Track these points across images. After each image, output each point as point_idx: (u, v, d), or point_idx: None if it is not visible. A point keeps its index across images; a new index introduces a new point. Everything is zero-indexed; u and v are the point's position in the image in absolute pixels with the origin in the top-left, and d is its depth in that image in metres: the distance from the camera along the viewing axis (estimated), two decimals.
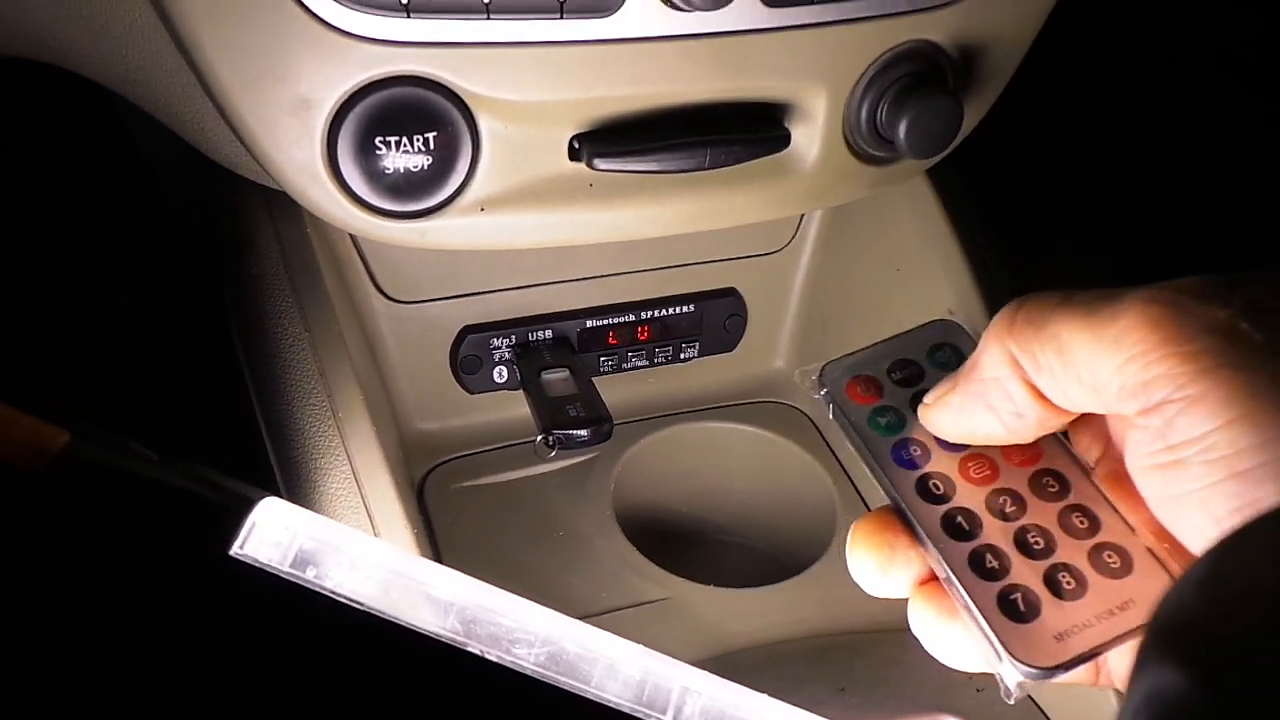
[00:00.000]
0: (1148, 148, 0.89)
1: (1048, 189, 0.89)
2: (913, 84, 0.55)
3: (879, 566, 0.35)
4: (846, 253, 0.79)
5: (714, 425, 0.82)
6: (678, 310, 0.79)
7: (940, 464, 0.36)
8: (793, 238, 0.80)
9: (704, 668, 0.39)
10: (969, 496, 0.35)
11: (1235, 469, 0.27)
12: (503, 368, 0.77)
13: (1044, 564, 0.33)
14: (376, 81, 0.49)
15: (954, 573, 0.33)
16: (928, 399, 0.36)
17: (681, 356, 0.81)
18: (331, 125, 0.49)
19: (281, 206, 0.62)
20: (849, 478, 0.79)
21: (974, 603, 0.33)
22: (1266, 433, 0.26)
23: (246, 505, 0.36)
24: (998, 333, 0.33)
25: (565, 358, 0.75)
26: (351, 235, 0.69)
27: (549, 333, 0.77)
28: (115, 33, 0.53)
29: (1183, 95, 0.90)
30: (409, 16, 0.47)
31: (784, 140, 0.56)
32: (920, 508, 0.35)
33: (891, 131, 0.55)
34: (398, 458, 0.66)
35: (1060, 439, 0.36)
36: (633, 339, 0.79)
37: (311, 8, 0.46)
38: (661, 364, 0.81)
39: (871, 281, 0.76)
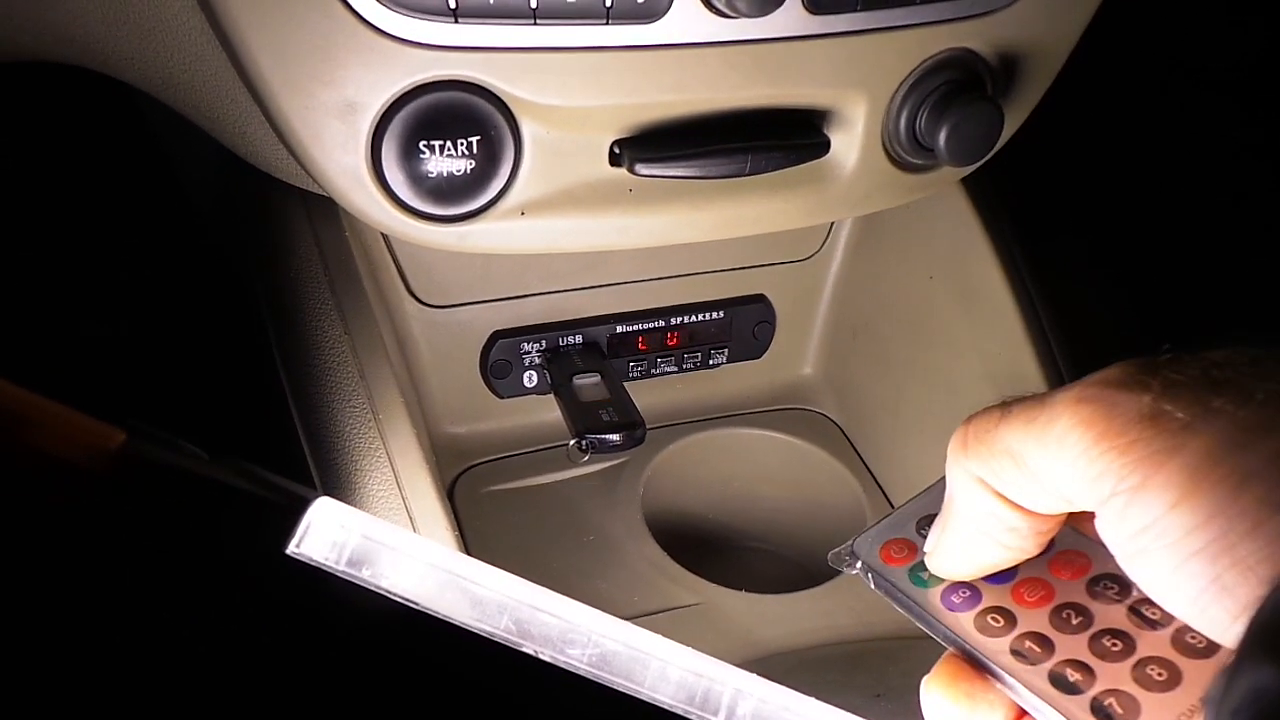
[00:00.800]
0: (1182, 155, 0.89)
1: (1081, 195, 0.89)
2: (952, 91, 0.55)
3: (965, 718, 0.34)
4: (877, 260, 0.79)
5: (742, 432, 0.82)
6: (707, 316, 0.80)
7: (994, 598, 0.35)
8: (823, 245, 0.80)
9: None
10: (1032, 621, 0.34)
11: (1191, 550, 0.27)
12: (533, 372, 0.77)
13: (1128, 663, 0.32)
14: (422, 86, 0.49)
15: (1040, 697, 0.32)
16: (926, 548, 0.37)
17: (710, 363, 0.81)
18: (376, 129, 0.49)
19: (319, 210, 0.62)
20: (878, 485, 0.79)
21: None
22: (1208, 509, 0.27)
23: (301, 504, 0.36)
24: (955, 459, 0.34)
25: (595, 363, 0.75)
26: (386, 239, 0.69)
27: (579, 338, 0.77)
28: (161, 35, 0.53)
29: (1223, 101, 0.90)
30: (456, 22, 0.47)
31: (824, 147, 0.56)
32: (986, 644, 0.34)
33: (931, 139, 0.55)
34: (431, 459, 0.66)
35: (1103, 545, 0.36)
36: (662, 345, 0.79)
37: (360, 12, 0.46)
38: (690, 370, 0.81)
39: (902, 288, 0.76)
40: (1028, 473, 0.31)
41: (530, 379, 0.77)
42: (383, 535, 0.36)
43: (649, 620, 0.67)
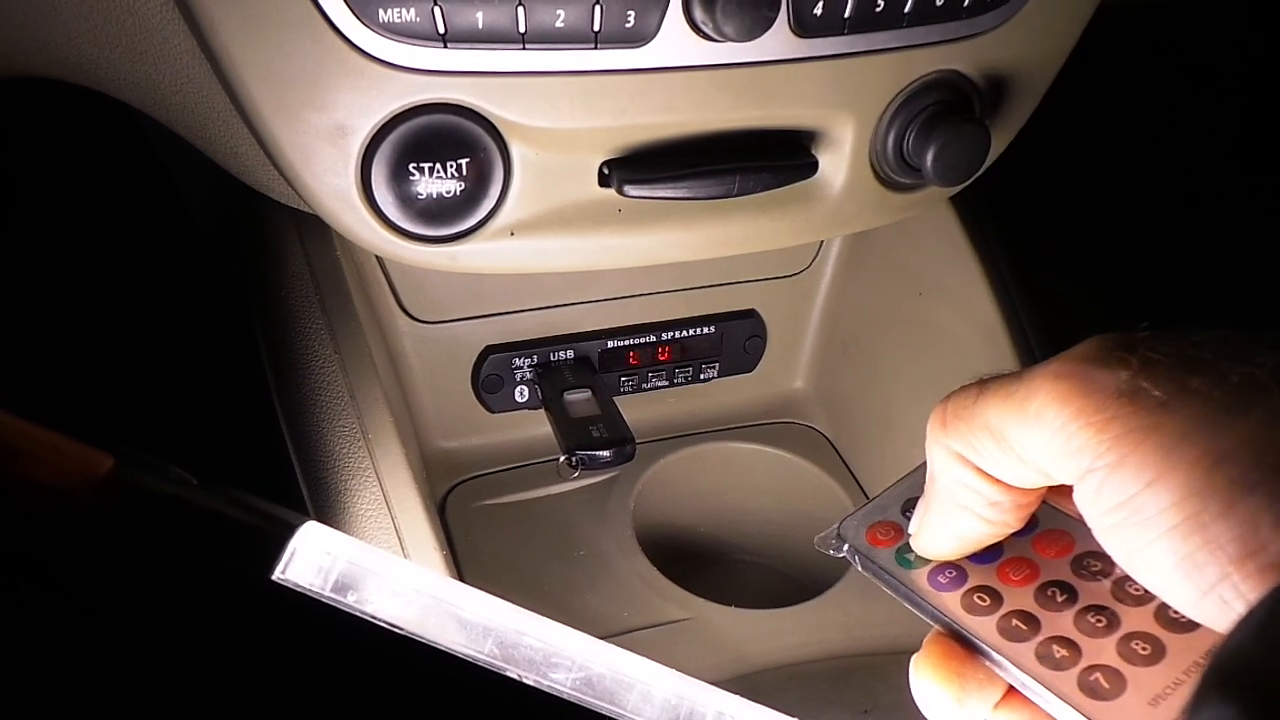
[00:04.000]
0: (1169, 170, 0.89)
1: (1069, 213, 0.89)
2: (940, 113, 0.55)
3: (955, 697, 0.34)
4: (867, 275, 0.79)
5: (733, 445, 0.82)
6: (698, 331, 0.80)
7: (979, 577, 0.36)
8: (813, 260, 0.81)
9: (725, 689, 0.40)
10: (1018, 599, 0.35)
11: (1164, 527, 0.28)
12: (524, 387, 0.77)
13: (1113, 638, 0.33)
14: (411, 109, 0.49)
15: (1027, 673, 0.33)
16: (910, 529, 0.37)
17: (701, 377, 0.82)
18: (366, 151, 0.50)
19: (311, 228, 0.63)
20: (867, 498, 0.79)
21: (1058, 696, 0.32)
22: (1184, 488, 0.27)
23: (287, 530, 0.37)
24: (934, 435, 0.34)
25: (586, 378, 0.76)
26: (378, 256, 0.69)
27: (570, 353, 0.77)
28: (153, 58, 0.54)
29: (1206, 116, 0.90)
30: (446, 46, 0.47)
31: (811, 168, 0.56)
32: (973, 623, 0.35)
33: (919, 159, 0.56)
34: (421, 477, 0.66)
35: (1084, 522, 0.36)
36: (653, 359, 0.79)
37: (351, 37, 0.47)
38: (681, 384, 0.81)
39: (892, 304, 0.77)
40: (1006, 447, 0.32)
41: (522, 394, 0.77)
42: (368, 561, 0.37)
43: (638, 635, 0.67)
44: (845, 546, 0.39)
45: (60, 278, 0.87)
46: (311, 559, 0.36)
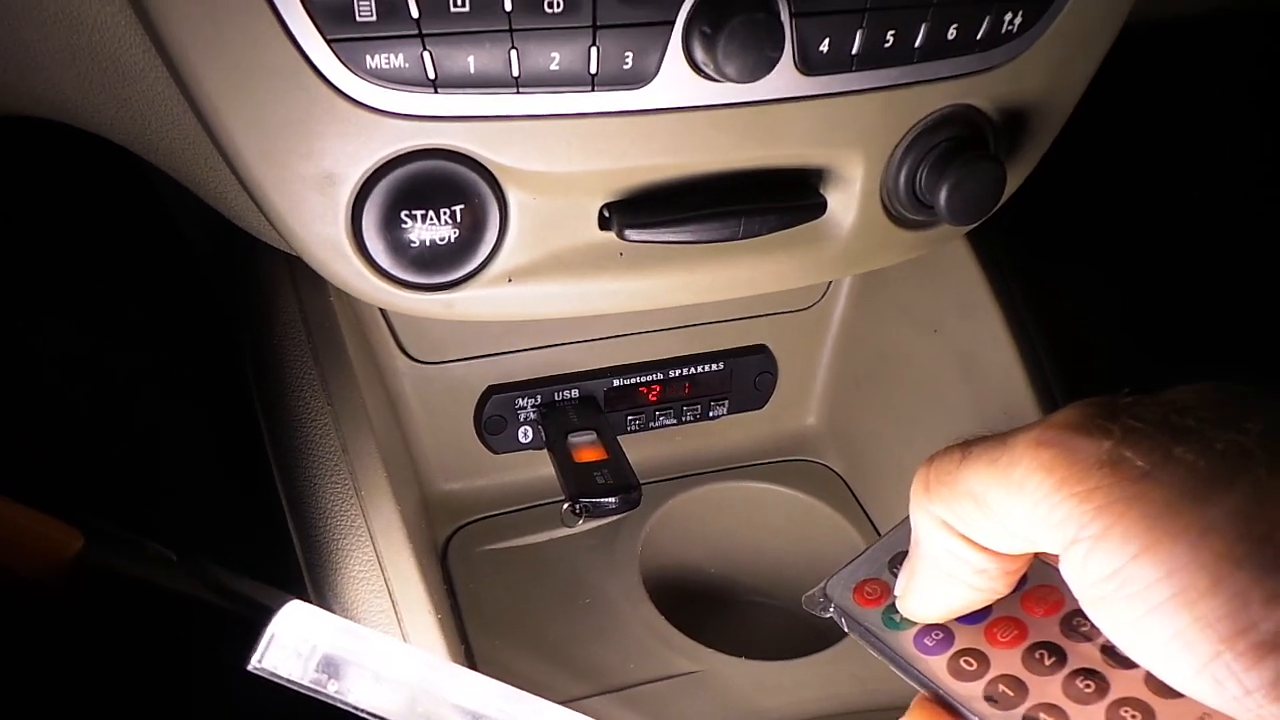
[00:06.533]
0: (1192, 206, 0.87)
1: (1089, 248, 0.87)
2: (954, 149, 0.53)
3: None
4: (880, 311, 0.77)
5: (744, 485, 0.80)
6: (707, 368, 0.78)
7: (967, 639, 0.35)
8: (824, 295, 0.79)
9: None
10: (1005, 663, 0.34)
11: (1153, 603, 0.27)
12: (528, 428, 0.75)
13: (1102, 705, 0.32)
14: (402, 155, 0.48)
15: None
16: (897, 591, 0.36)
17: (711, 414, 0.79)
18: (356, 199, 0.48)
19: (305, 273, 0.61)
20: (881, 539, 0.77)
21: None
22: (1170, 562, 0.26)
23: (265, 614, 0.35)
24: (918, 502, 0.33)
25: (592, 418, 0.74)
26: None
27: (575, 392, 0.75)
28: (138, 104, 0.52)
29: (1233, 146, 0.88)
30: (436, 92, 0.46)
31: (820, 208, 0.54)
32: (959, 689, 0.34)
33: (931, 197, 0.54)
34: (421, 523, 0.64)
35: None
36: (661, 397, 0.77)
37: (338, 84, 0.45)
38: (690, 422, 0.79)
39: (906, 339, 0.75)
40: (990, 515, 0.31)
41: (525, 434, 0.75)
42: (351, 646, 0.35)
43: (646, 689, 0.65)
44: (832, 607, 0.38)
45: (52, 324, 0.85)
46: (290, 645, 0.34)
